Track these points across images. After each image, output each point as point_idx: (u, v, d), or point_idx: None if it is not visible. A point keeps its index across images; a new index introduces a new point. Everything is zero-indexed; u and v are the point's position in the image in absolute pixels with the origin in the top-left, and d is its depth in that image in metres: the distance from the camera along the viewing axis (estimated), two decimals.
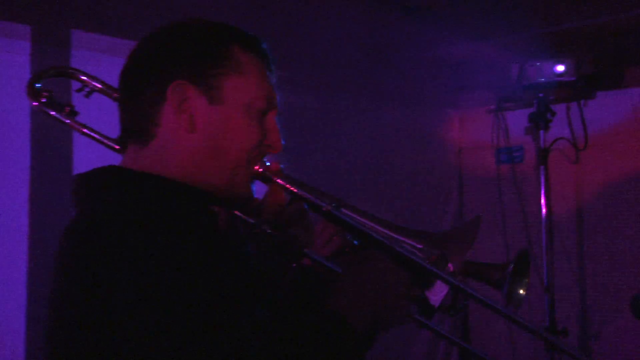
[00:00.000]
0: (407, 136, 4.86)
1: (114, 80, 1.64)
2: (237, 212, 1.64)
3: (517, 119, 4.88)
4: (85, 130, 1.79)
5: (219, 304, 1.31)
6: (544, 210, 4.45)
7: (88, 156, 2.47)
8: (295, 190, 1.67)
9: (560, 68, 4.43)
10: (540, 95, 4.50)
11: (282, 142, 1.58)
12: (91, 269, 1.29)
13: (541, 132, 4.51)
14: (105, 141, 1.78)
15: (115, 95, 1.81)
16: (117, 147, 1.76)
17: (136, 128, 1.51)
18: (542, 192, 4.46)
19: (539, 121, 4.49)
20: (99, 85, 1.83)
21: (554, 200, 4.51)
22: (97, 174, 1.50)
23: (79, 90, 1.84)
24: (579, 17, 4.21)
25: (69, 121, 1.78)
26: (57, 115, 1.77)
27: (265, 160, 1.62)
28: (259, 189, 1.64)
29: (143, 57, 1.52)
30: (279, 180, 1.66)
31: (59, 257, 1.42)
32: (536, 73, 4.51)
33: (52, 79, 1.85)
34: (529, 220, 4.74)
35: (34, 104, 1.78)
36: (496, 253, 4.71)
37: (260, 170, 1.62)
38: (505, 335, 4.66)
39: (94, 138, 1.79)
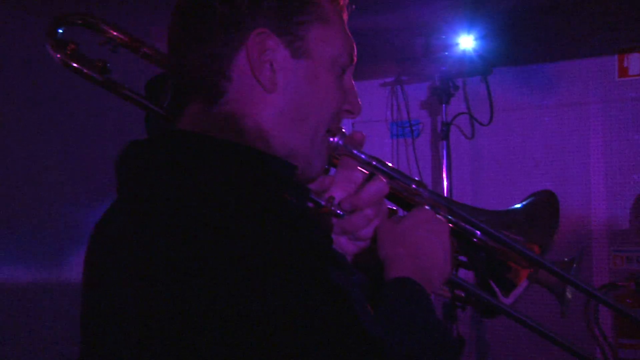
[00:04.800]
0: None
1: None
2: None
3: (415, 93, 4.86)
4: (125, 91, 1.49)
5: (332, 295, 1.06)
6: (445, 183, 4.47)
7: None
8: (379, 166, 1.48)
9: (464, 42, 4.43)
10: (444, 68, 4.48)
11: (360, 104, 1.38)
12: (180, 258, 1.02)
13: (443, 106, 4.50)
14: (149, 104, 1.50)
15: (145, 50, 1.54)
16: (164, 111, 1.50)
17: (202, 83, 1.23)
18: (444, 167, 4.47)
19: (442, 95, 4.48)
20: (125, 38, 1.54)
21: (454, 176, 4.55)
22: (164, 140, 1.22)
23: (102, 44, 1.54)
24: None
25: (102, 79, 1.48)
26: (90, 72, 1.47)
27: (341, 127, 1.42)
28: None
29: None
30: (360, 154, 1.46)
31: (112, 243, 1.16)
32: (440, 47, 4.49)
33: None
34: None
35: (58, 56, 1.46)
36: None
37: (339, 141, 1.42)
38: None
39: (133, 100, 1.50)
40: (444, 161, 4.46)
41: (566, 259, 1.68)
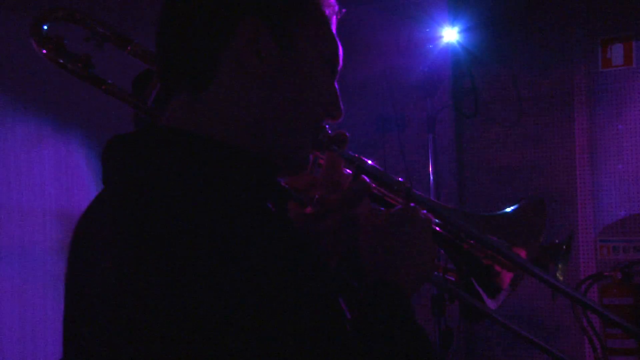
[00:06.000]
0: None
1: None
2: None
3: (400, 86, 4.86)
4: (104, 87, 1.48)
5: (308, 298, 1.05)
6: (432, 176, 4.48)
7: None
8: (362, 166, 1.48)
9: (448, 35, 4.43)
10: (428, 61, 4.49)
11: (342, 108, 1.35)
12: (161, 255, 1.02)
13: (429, 99, 4.51)
14: (131, 99, 1.49)
15: (130, 47, 1.53)
16: (147, 106, 1.50)
17: (188, 69, 1.21)
18: (430, 159, 4.48)
19: (427, 88, 4.49)
20: (111, 34, 1.53)
21: (440, 168, 4.56)
22: (150, 135, 1.20)
23: (87, 39, 1.53)
24: None
25: (86, 75, 1.47)
26: (74, 67, 1.46)
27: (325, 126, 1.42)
28: None
29: None
30: (343, 153, 1.45)
31: (95, 234, 1.16)
32: (424, 40, 4.50)
33: None
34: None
35: (43, 51, 1.45)
36: None
37: (323, 140, 1.42)
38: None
39: (116, 95, 1.49)
40: (430, 154, 4.46)
41: (557, 241, 1.68)
